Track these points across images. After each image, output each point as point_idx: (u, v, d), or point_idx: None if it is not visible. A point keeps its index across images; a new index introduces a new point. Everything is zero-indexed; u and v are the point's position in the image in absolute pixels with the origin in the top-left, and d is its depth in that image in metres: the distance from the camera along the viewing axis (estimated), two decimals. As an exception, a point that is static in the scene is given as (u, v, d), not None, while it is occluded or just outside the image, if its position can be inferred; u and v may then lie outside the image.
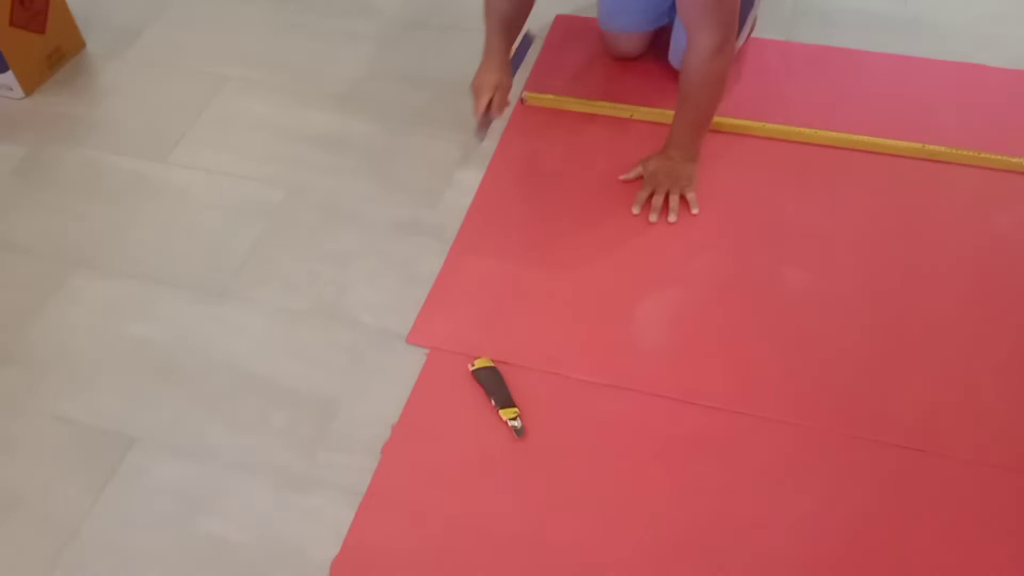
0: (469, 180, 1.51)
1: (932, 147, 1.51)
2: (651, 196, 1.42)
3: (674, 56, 1.60)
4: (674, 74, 1.52)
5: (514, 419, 1.17)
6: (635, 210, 1.41)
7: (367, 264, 1.39)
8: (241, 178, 1.55)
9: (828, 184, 1.48)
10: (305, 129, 1.63)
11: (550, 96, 1.63)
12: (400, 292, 1.35)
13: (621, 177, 1.46)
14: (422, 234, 1.43)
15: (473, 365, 1.23)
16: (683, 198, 1.42)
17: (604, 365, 1.24)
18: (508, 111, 1.56)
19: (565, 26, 1.81)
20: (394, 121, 1.63)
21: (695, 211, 1.41)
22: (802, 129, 1.55)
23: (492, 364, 1.23)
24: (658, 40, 1.70)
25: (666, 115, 1.53)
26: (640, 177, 1.45)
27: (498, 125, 1.59)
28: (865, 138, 1.53)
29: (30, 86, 1.71)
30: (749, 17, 1.56)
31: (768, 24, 1.76)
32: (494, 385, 1.21)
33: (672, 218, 1.40)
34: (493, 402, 1.19)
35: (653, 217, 1.40)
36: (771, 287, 1.33)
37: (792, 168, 1.51)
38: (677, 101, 1.40)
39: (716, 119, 1.51)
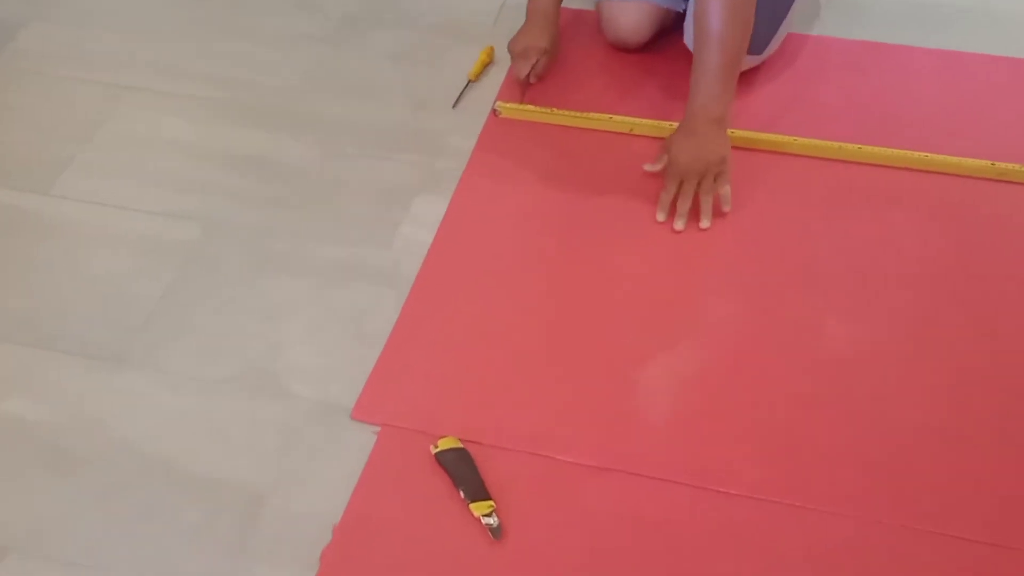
0: (430, 211, 1.49)
1: (1002, 165, 1.49)
2: (677, 194, 1.42)
3: (690, 35, 1.56)
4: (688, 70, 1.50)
5: (488, 515, 1.13)
6: (660, 216, 1.42)
7: (303, 319, 1.37)
8: (146, 213, 1.52)
9: (874, 212, 1.46)
10: (227, 151, 1.62)
11: (529, 107, 1.62)
12: (344, 354, 1.32)
13: (646, 167, 1.46)
14: (372, 280, 1.41)
15: (436, 447, 1.20)
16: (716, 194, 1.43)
17: (600, 444, 1.21)
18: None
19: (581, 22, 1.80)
20: (338, 140, 1.62)
21: (726, 208, 1.42)
22: (841, 144, 1.54)
23: (460, 445, 1.20)
24: (665, 39, 1.70)
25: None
26: (664, 164, 1.44)
27: (464, 143, 1.58)
28: (918, 154, 1.52)
29: None
30: (780, 30, 1.55)
31: (794, 15, 1.75)
32: (463, 472, 1.17)
33: (704, 223, 1.41)
34: (462, 494, 1.16)
35: (679, 224, 1.41)
36: (808, 341, 1.31)
37: (830, 192, 1.49)
38: (695, 47, 1.40)
39: (736, 133, 1.50)
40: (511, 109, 1.61)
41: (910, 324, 1.32)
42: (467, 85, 1.65)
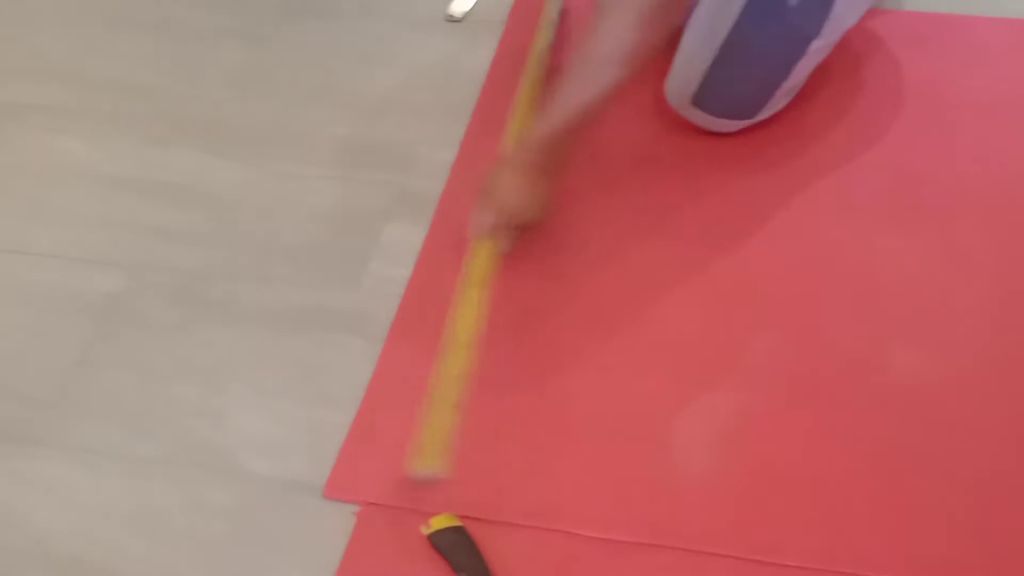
0: (404, 242, 1.52)
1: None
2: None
3: (670, 83, 1.61)
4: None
5: None
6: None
7: (254, 380, 1.39)
8: (52, 259, 1.54)
9: (941, 216, 1.52)
10: (145, 178, 1.64)
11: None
12: (307, 420, 1.34)
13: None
14: (337, 329, 1.43)
15: (428, 527, 1.22)
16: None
17: (627, 513, 1.24)
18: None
19: (531, 7, 1.85)
20: (280, 156, 1.65)
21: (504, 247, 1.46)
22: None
23: (458, 523, 1.22)
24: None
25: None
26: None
27: (440, 155, 1.62)
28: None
29: None
30: (779, 91, 1.61)
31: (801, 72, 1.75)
32: (462, 555, 1.19)
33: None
34: None
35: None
36: (870, 376, 1.34)
37: (888, 193, 1.55)
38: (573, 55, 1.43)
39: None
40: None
41: (994, 350, 1.36)
42: None
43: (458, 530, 1.22)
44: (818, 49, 1.56)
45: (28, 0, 1.93)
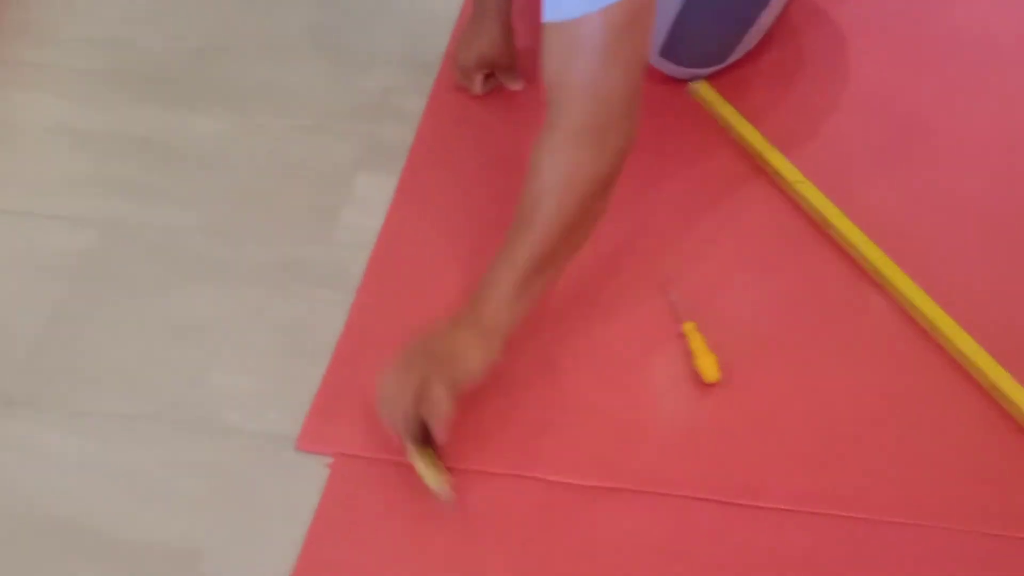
0: (376, 192, 1.52)
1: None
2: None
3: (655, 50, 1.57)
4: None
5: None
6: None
7: (229, 335, 1.39)
8: (25, 215, 1.54)
9: (929, 158, 1.50)
10: (121, 134, 1.63)
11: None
12: (283, 373, 1.35)
13: None
14: (310, 282, 1.44)
15: None
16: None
17: (603, 459, 1.25)
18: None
19: None
20: (255, 111, 1.64)
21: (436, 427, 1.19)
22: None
23: None
24: None
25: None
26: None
27: (411, 105, 1.61)
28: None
29: None
30: (750, 33, 1.58)
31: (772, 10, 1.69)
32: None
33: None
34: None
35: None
36: (848, 320, 1.37)
37: (876, 135, 1.53)
38: (515, 217, 1.23)
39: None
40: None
41: (977, 297, 1.36)
42: None
43: None
44: None
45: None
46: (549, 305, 1.35)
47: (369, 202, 1.51)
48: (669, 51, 1.55)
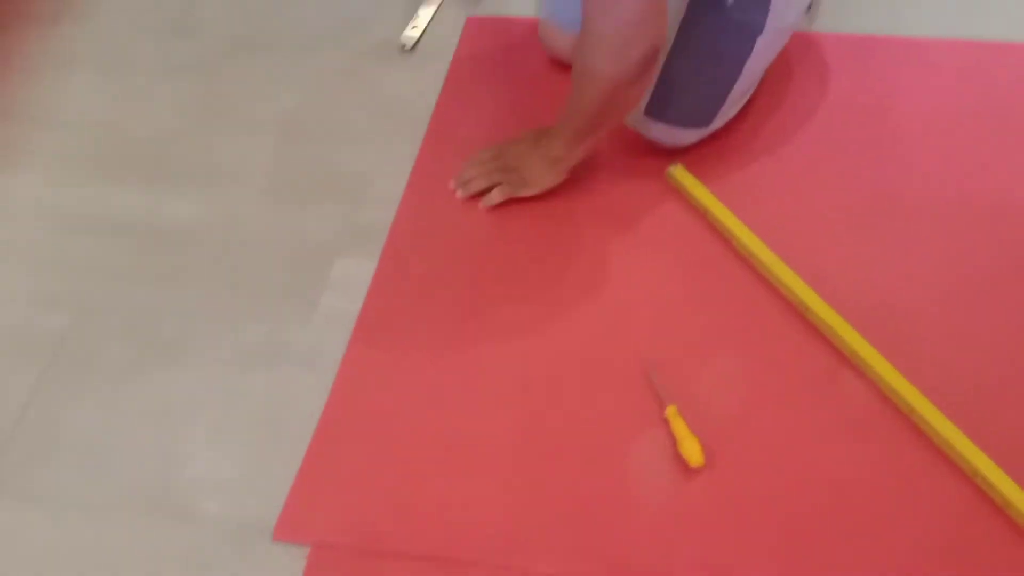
0: (355, 275, 1.52)
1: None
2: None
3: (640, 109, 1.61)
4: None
5: None
6: (452, 184, 1.61)
7: (205, 419, 1.39)
8: (0, 297, 1.54)
9: (896, 230, 1.53)
10: (96, 215, 1.64)
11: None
12: (260, 458, 1.34)
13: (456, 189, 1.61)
14: (288, 365, 1.43)
15: None
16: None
17: (585, 547, 1.24)
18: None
19: (481, 34, 1.85)
20: (231, 192, 1.65)
21: (484, 204, 1.58)
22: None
23: None
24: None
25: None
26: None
27: (391, 187, 1.62)
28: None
29: None
30: (730, 97, 1.61)
31: (753, 75, 1.69)
32: None
33: (482, 204, 1.58)
34: None
35: (460, 192, 1.60)
36: (826, 395, 1.36)
37: (843, 209, 1.56)
38: (572, 75, 1.47)
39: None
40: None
41: (942, 362, 1.37)
42: None
43: None
44: (764, 47, 1.56)
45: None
46: (532, 386, 1.36)
47: (348, 284, 1.51)
48: (654, 108, 1.56)
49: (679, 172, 1.58)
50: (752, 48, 1.55)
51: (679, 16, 1.53)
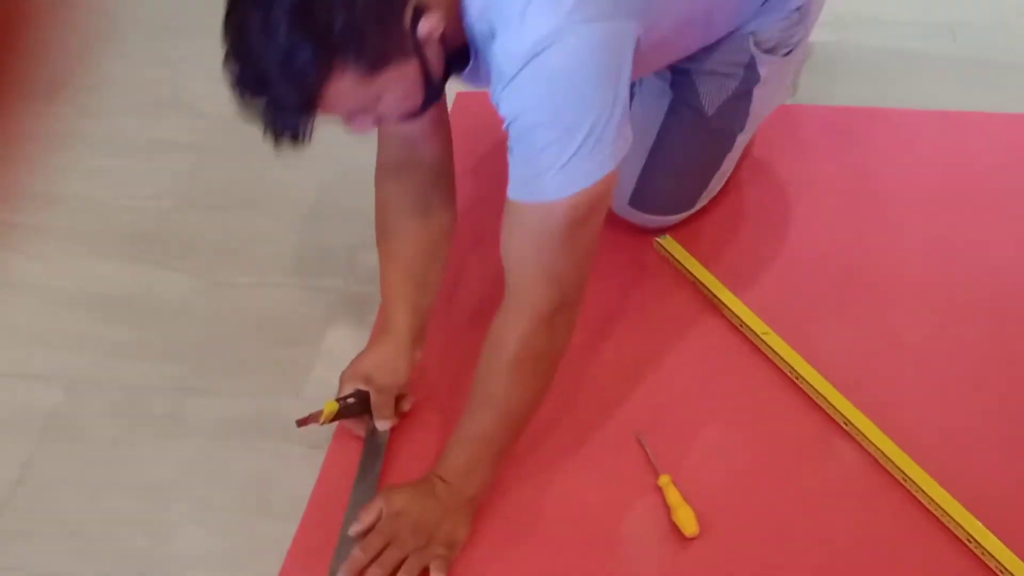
0: (346, 347, 1.51)
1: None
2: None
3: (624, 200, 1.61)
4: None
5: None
6: None
7: (196, 495, 1.38)
8: (-8, 374, 1.54)
9: (880, 303, 1.54)
10: (88, 291, 1.64)
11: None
12: (252, 534, 1.33)
13: (351, 530, 1.26)
14: (280, 438, 1.43)
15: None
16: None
17: None
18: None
19: (469, 109, 1.86)
20: (224, 267, 1.66)
21: None
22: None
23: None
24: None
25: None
26: (372, 524, 1.27)
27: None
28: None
29: None
30: (712, 183, 1.63)
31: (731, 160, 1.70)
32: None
33: None
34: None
35: None
36: (819, 466, 1.36)
37: (826, 283, 1.57)
38: (469, 403, 1.30)
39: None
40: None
41: (935, 442, 1.37)
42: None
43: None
44: (744, 140, 1.59)
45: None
46: (525, 459, 1.35)
47: (338, 355, 1.50)
48: (638, 200, 1.57)
49: (668, 242, 1.59)
50: (732, 145, 1.58)
51: (658, 121, 1.54)
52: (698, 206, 1.63)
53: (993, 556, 1.22)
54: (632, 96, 1.51)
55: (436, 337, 1.47)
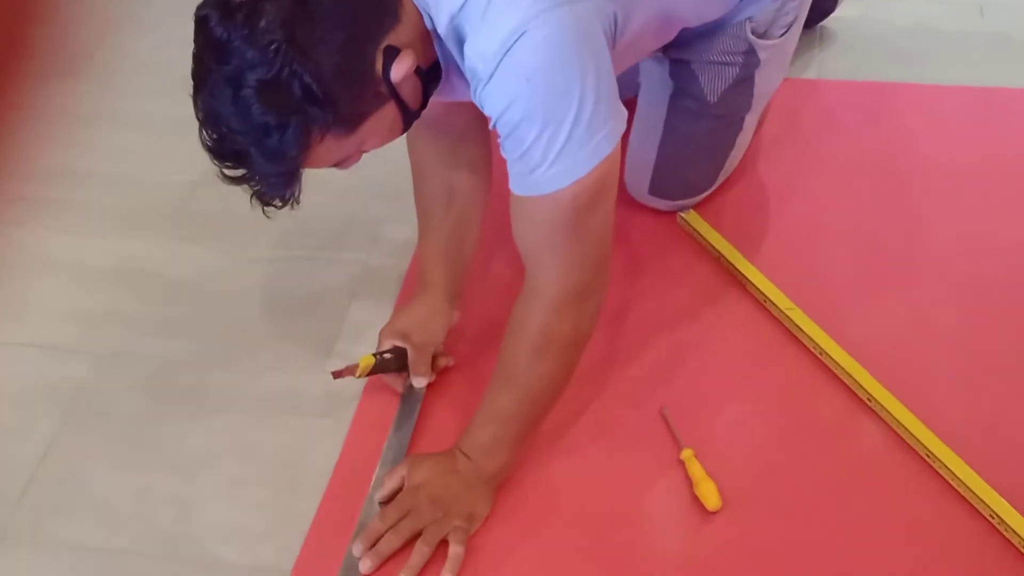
0: (370, 320, 1.51)
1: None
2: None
3: (627, 178, 1.60)
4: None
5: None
6: (355, 551, 1.25)
7: (223, 469, 1.39)
8: (21, 347, 1.55)
9: (907, 283, 1.53)
10: (115, 266, 1.65)
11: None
12: (278, 507, 1.34)
13: (377, 496, 1.30)
14: (305, 412, 1.44)
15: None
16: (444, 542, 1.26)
17: None
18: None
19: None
20: (248, 242, 1.66)
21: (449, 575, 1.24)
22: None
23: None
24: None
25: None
26: (395, 491, 1.30)
27: (405, 233, 1.61)
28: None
29: None
30: (728, 163, 1.63)
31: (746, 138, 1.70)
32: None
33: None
34: None
35: (369, 563, 1.24)
36: (837, 446, 1.35)
37: (853, 262, 1.56)
38: (492, 379, 1.30)
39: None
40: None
41: (960, 423, 1.37)
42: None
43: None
44: (753, 119, 1.58)
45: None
46: (550, 434, 1.35)
47: (363, 330, 1.51)
48: (656, 189, 1.58)
49: (692, 217, 1.59)
50: (742, 127, 1.57)
51: (663, 112, 1.53)
52: (717, 184, 1.63)
53: (1017, 533, 1.22)
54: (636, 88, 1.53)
55: (473, 298, 1.49)
